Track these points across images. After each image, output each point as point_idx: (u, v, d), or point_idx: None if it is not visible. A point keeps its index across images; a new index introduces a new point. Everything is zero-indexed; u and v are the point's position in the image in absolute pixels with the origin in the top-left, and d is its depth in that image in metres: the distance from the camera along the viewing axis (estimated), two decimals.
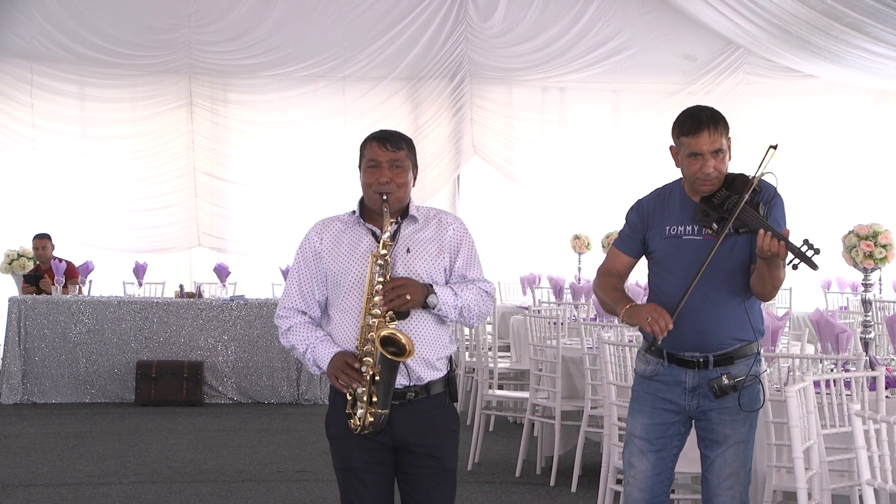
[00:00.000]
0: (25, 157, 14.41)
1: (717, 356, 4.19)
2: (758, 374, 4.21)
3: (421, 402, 3.83)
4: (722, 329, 4.18)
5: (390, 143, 3.84)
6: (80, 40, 14.28)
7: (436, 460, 3.86)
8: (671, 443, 4.29)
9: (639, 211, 4.38)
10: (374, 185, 3.82)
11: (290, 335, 3.94)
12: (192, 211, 14.73)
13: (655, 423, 4.28)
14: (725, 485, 4.19)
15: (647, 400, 4.32)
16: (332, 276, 3.87)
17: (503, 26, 14.98)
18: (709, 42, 15.17)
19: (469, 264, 3.92)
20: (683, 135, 4.17)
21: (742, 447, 4.20)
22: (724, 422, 4.19)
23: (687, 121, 4.18)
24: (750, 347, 4.22)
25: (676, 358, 4.24)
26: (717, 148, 4.13)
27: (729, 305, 4.17)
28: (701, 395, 4.21)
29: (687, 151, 4.16)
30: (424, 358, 3.82)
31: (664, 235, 4.27)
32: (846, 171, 15.08)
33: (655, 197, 4.38)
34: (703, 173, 4.14)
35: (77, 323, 10.91)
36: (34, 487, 7.34)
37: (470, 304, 3.85)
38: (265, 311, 11.08)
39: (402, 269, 3.81)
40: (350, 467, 3.86)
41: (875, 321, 9.33)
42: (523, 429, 7.97)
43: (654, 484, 4.29)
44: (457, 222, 3.97)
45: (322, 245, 3.91)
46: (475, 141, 15.18)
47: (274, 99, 14.96)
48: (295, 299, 3.95)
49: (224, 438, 9.20)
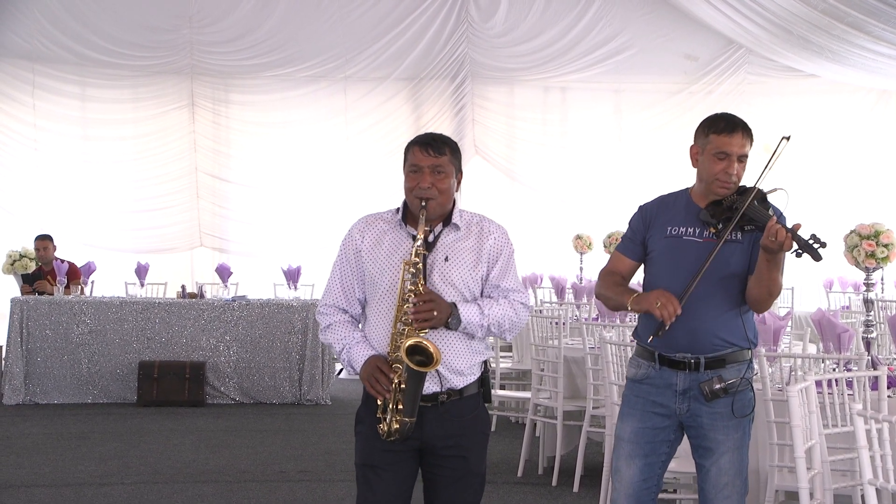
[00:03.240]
0: (27, 157, 14.42)
1: (708, 358, 4.18)
2: (750, 380, 4.20)
3: (453, 403, 3.81)
4: (713, 330, 4.17)
5: (432, 148, 3.80)
6: (81, 41, 14.29)
7: (462, 461, 3.83)
8: (660, 448, 4.26)
9: (642, 214, 4.39)
10: (416, 191, 3.78)
11: (328, 333, 3.93)
12: (193, 211, 14.74)
13: (645, 427, 4.25)
14: (722, 494, 4.16)
15: (637, 404, 4.29)
16: (370, 276, 3.86)
17: (504, 26, 14.98)
18: (710, 42, 15.17)
19: (504, 274, 3.88)
20: (715, 133, 4.17)
21: (736, 454, 4.17)
22: (716, 427, 4.17)
23: (720, 121, 4.20)
24: (742, 354, 4.21)
25: (668, 359, 4.23)
26: (745, 153, 4.18)
27: (722, 309, 4.17)
28: (691, 399, 4.19)
29: (715, 150, 4.16)
30: (454, 368, 3.80)
31: (664, 235, 4.26)
32: (848, 171, 15.07)
33: (660, 202, 4.39)
34: (725, 174, 4.15)
35: (79, 323, 10.91)
36: (37, 488, 7.34)
37: (500, 320, 3.81)
38: (267, 312, 11.08)
39: (438, 278, 3.78)
40: (370, 464, 3.83)
41: (877, 321, 9.33)
42: (525, 429, 7.99)
43: (640, 490, 4.25)
44: (499, 231, 3.92)
45: (363, 243, 3.89)
46: (477, 141, 15.19)
47: (275, 99, 14.97)
48: (336, 296, 3.93)
49: (226, 439, 9.21)
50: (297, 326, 11.05)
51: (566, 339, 7.94)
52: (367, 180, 14.45)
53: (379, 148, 14.58)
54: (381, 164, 14.32)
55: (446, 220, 3.86)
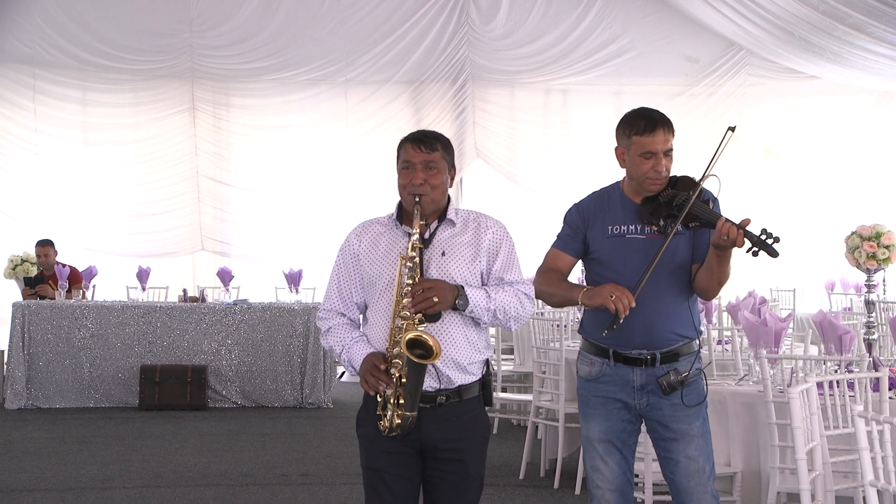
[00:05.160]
0: (28, 162, 14.43)
1: (663, 353, 4.22)
2: (701, 369, 4.26)
3: (452, 405, 3.80)
4: (668, 326, 4.21)
5: (424, 145, 3.81)
6: (82, 45, 14.31)
7: (460, 464, 3.83)
8: (630, 440, 4.31)
9: (579, 211, 4.42)
10: (409, 187, 3.79)
11: (328, 336, 3.95)
12: (194, 215, 14.74)
13: (611, 424, 4.28)
14: (696, 481, 4.18)
15: (596, 403, 4.32)
16: (368, 278, 3.88)
17: (505, 29, 14.99)
18: (711, 44, 15.17)
19: (507, 267, 3.88)
20: (636, 134, 4.20)
21: (701, 441, 4.21)
22: (677, 417, 4.20)
23: (640, 120, 4.21)
24: (693, 344, 4.28)
25: (623, 356, 4.25)
26: (669, 147, 4.20)
27: (674, 303, 4.22)
28: (650, 393, 4.23)
29: (640, 150, 4.19)
30: (454, 360, 3.79)
31: (607, 235, 4.29)
32: (849, 172, 15.05)
33: (594, 199, 4.42)
34: (654, 172, 4.18)
35: (81, 328, 10.91)
36: (38, 492, 7.35)
37: (505, 306, 3.80)
38: (268, 315, 11.08)
39: (436, 273, 3.79)
40: (374, 468, 3.84)
41: (878, 322, 9.32)
42: (527, 431, 7.98)
43: (623, 483, 4.29)
44: (497, 226, 3.92)
45: (361, 247, 3.91)
46: (478, 144, 15.19)
47: (276, 103, 14.97)
48: (334, 301, 3.96)
49: (228, 442, 9.21)
50: (298, 330, 11.05)
51: (567, 341, 7.94)
52: (367, 183, 14.45)
53: (380, 151, 14.58)
54: (381, 168, 14.31)
55: (441, 217, 3.87)
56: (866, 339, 6.26)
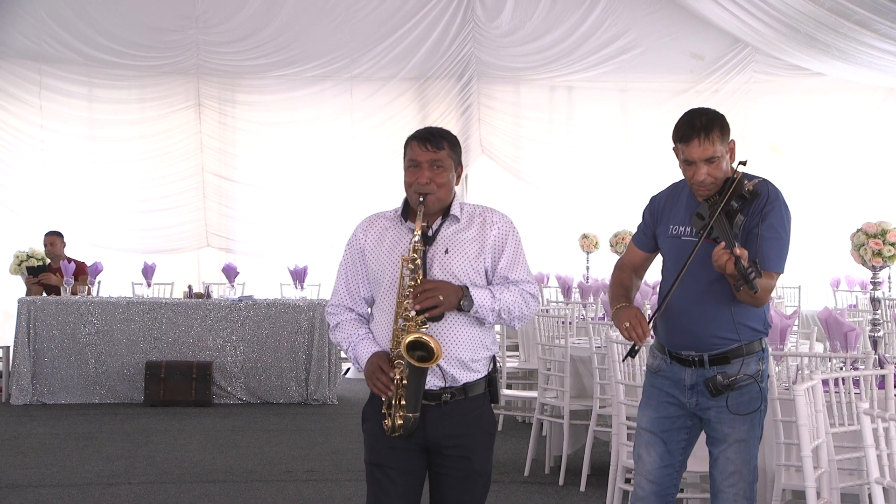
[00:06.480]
0: (34, 158, 14.43)
1: (711, 356, 4.21)
2: (750, 375, 4.16)
3: (457, 403, 3.79)
4: (708, 329, 4.18)
5: (431, 143, 3.79)
6: (88, 41, 14.30)
7: (466, 461, 3.82)
8: (678, 436, 4.32)
9: (651, 207, 4.43)
10: (414, 186, 3.78)
11: (336, 332, 3.95)
12: (200, 211, 14.74)
13: (661, 416, 4.32)
14: (728, 482, 4.21)
15: (653, 394, 4.37)
16: (373, 274, 3.87)
17: (510, 26, 14.97)
18: (716, 40, 15.14)
19: (512, 266, 3.84)
20: (677, 140, 4.18)
21: (743, 446, 4.19)
22: (723, 420, 4.20)
23: (682, 127, 4.16)
24: (747, 347, 4.19)
25: (676, 356, 4.27)
26: (710, 156, 4.10)
27: (713, 308, 4.16)
28: (699, 394, 4.23)
29: (681, 157, 4.18)
30: (458, 359, 3.78)
31: (667, 235, 4.30)
32: (854, 169, 15.02)
33: (668, 193, 4.41)
34: (696, 180, 4.14)
35: (86, 324, 10.93)
36: (43, 488, 7.36)
37: (510, 306, 3.79)
38: (273, 312, 11.09)
39: (439, 270, 3.77)
40: (377, 463, 3.84)
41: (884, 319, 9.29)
42: (532, 428, 7.99)
43: (662, 476, 4.32)
44: (503, 221, 3.88)
45: (367, 242, 3.90)
46: (483, 140, 15.17)
47: (282, 99, 14.96)
48: (342, 296, 3.95)
49: (233, 439, 9.22)
50: (303, 326, 11.06)
51: (573, 338, 7.94)
52: (373, 180, 14.44)
53: (385, 147, 14.56)
54: (387, 164, 14.30)
55: (445, 213, 3.85)
56: (872, 337, 6.24)
